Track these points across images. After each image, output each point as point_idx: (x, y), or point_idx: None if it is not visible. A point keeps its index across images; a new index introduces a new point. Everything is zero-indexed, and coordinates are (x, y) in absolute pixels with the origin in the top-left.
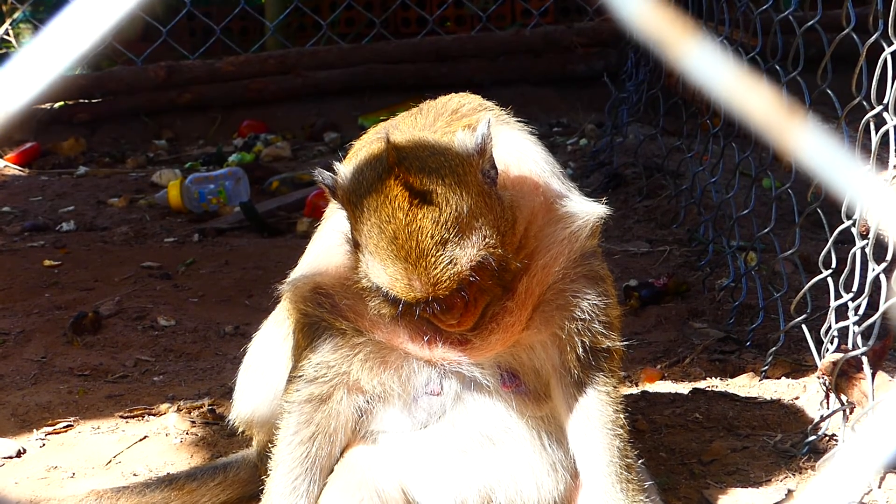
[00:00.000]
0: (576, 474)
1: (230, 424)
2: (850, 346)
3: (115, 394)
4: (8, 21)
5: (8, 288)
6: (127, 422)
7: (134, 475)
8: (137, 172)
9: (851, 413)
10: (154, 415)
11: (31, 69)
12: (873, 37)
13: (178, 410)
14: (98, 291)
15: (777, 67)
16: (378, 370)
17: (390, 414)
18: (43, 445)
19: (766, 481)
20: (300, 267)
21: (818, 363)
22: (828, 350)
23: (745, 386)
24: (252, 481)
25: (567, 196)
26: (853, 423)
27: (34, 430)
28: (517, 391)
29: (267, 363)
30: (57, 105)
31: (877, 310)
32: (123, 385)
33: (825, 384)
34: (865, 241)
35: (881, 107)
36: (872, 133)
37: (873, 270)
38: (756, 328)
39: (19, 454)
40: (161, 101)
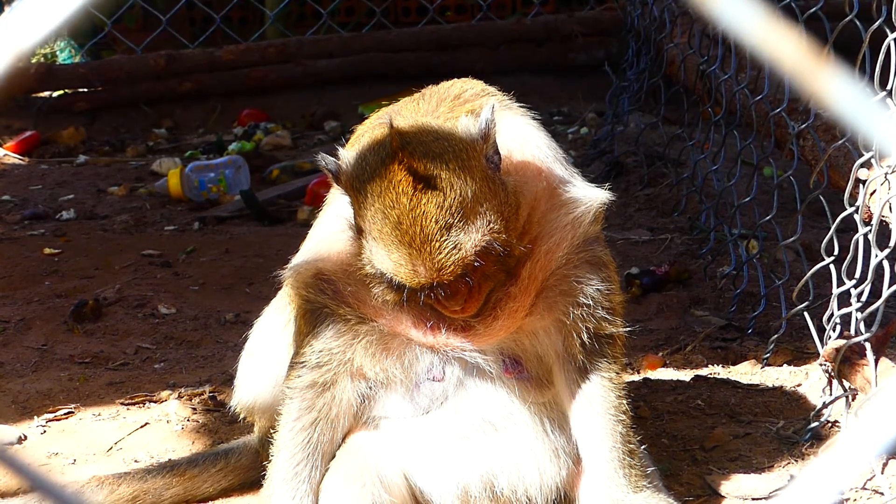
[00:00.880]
0: (578, 460)
1: (231, 411)
2: (853, 333)
3: (116, 381)
4: None
5: (8, 276)
6: (128, 409)
7: (135, 461)
8: (137, 161)
9: (854, 400)
10: (155, 402)
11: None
12: (876, 23)
13: (180, 397)
14: (98, 279)
15: None
16: (380, 356)
17: (392, 400)
18: (44, 432)
19: (769, 467)
20: (302, 252)
21: (820, 351)
22: (830, 337)
23: (747, 373)
24: (253, 467)
25: (570, 181)
26: (856, 410)
27: (35, 417)
28: (520, 377)
29: (268, 349)
30: (56, 94)
31: (879, 297)
32: (124, 372)
33: (828, 371)
34: (868, 228)
35: (884, 93)
36: None
37: (876, 257)
38: (757, 316)
39: (20, 441)
40: (161, 90)
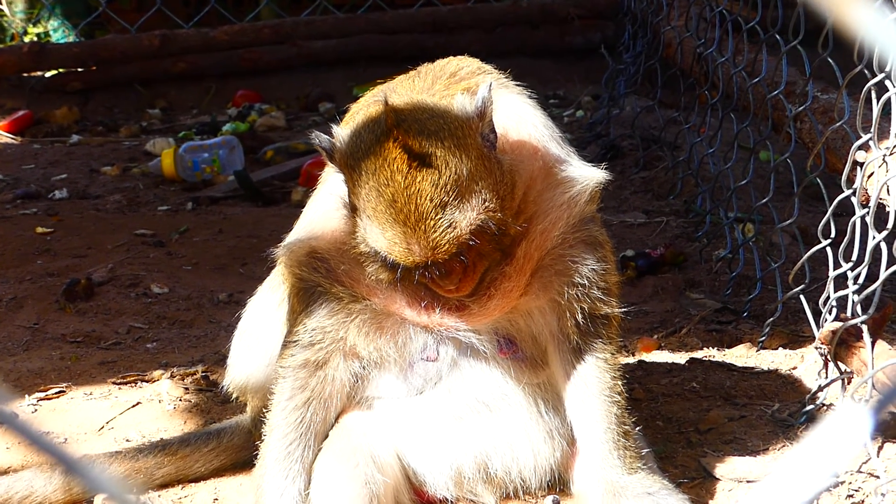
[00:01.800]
0: (572, 441)
1: (224, 391)
2: (850, 315)
3: (108, 360)
4: None
5: (0, 255)
6: (120, 388)
7: (126, 441)
8: (131, 141)
9: (850, 382)
10: (147, 381)
11: None
12: (876, 3)
13: (172, 377)
14: (91, 259)
15: (777, 38)
16: (374, 336)
17: (386, 380)
18: (35, 411)
19: (764, 450)
20: (295, 231)
21: (816, 334)
22: (826, 320)
23: (743, 356)
24: (246, 447)
25: (566, 161)
26: (852, 392)
27: (26, 396)
28: (514, 357)
29: (261, 329)
30: (50, 73)
31: (876, 280)
32: (116, 352)
33: (824, 353)
34: (866, 210)
35: (883, 74)
36: (874, 102)
37: (873, 238)
38: (753, 299)
39: None
40: (155, 70)
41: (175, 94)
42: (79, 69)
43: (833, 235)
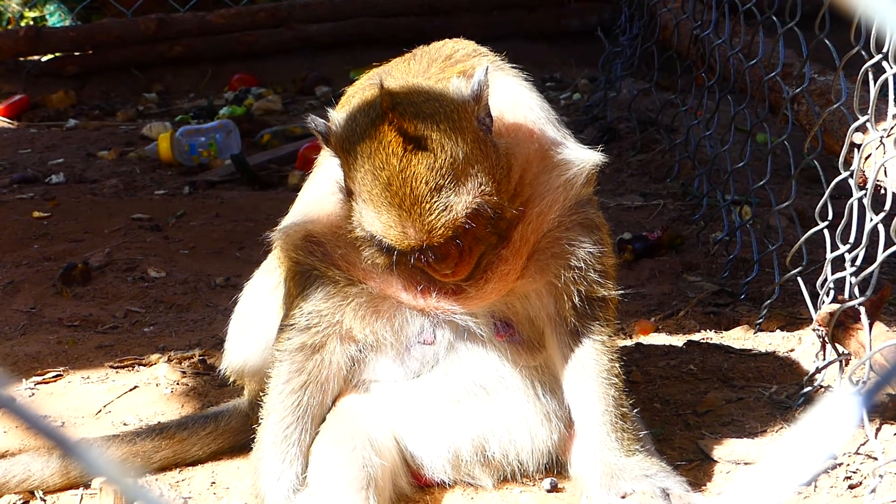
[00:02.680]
0: (570, 424)
1: (221, 374)
2: (847, 297)
3: (105, 344)
4: None
5: None
6: (117, 372)
7: (124, 424)
8: (127, 125)
9: (847, 364)
10: (144, 365)
11: None
12: None
13: (169, 361)
14: (88, 243)
15: (774, 19)
16: (370, 319)
17: (383, 363)
18: (32, 395)
19: (762, 432)
20: (291, 214)
21: (813, 316)
22: (823, 302)
23: (740, 338)
24: (243, 430)
25: (563, 143)
26: (849, 374)
27: (23, 380)
28: (511, 340)
29: (258, 312)
30: (46, 58)
31: (873, 262)
32: (113, 336)
33: (821, 335)
34: (863, 192)
35: (880, 55)
36: (871, 84)
37: (871, 221)
38: (750, 281)
39: None
40: (151, 54)
41: (171, 78)
42: (75, 53)
43: (830, 218)
